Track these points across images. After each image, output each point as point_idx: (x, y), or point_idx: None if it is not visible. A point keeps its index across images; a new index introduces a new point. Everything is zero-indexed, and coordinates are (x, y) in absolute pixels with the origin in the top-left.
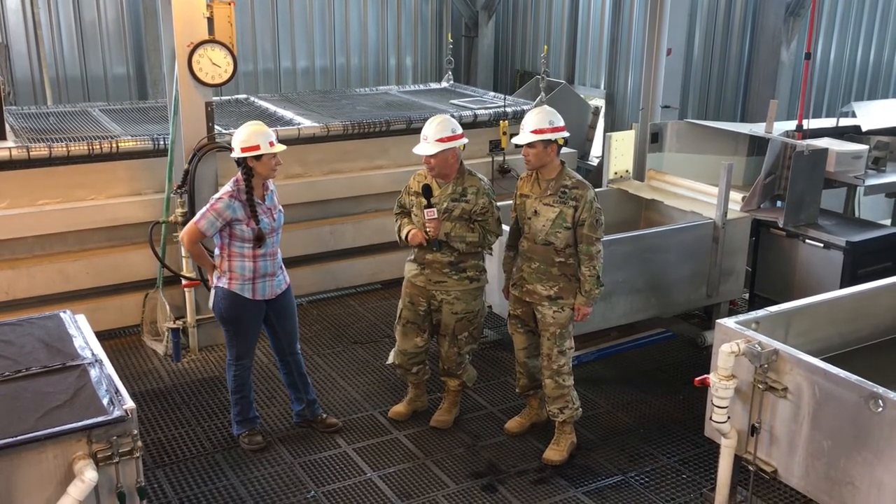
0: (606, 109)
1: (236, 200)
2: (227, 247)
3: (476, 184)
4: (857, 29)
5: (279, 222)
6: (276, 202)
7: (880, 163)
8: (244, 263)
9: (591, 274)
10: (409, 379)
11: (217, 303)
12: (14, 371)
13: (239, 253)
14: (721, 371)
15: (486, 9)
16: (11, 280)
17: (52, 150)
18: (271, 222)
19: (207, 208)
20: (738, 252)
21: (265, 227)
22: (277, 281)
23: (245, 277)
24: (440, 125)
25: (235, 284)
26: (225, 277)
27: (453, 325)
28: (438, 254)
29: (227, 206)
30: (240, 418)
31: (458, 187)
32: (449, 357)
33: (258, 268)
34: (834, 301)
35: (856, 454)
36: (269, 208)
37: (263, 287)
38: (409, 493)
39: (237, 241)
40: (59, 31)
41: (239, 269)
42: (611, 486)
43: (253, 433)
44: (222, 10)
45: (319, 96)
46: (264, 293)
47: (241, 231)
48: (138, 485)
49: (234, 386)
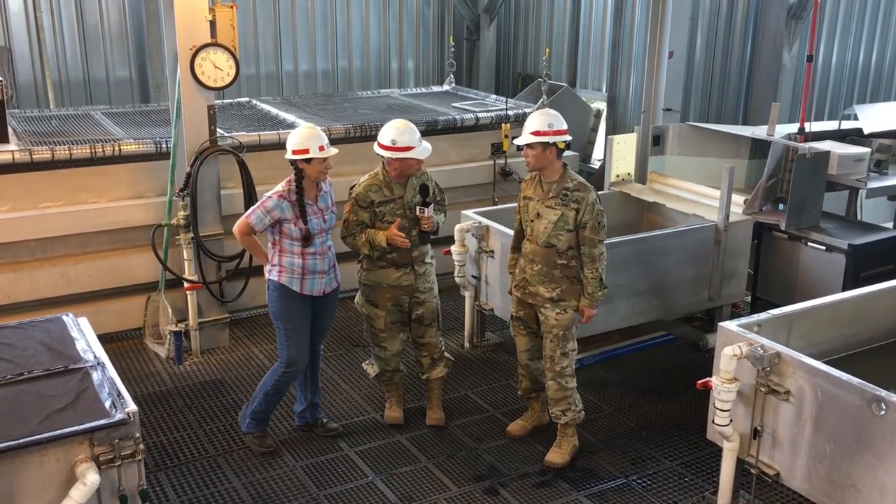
0: (608, 112)
1: (286, 200)
2: (277, 242)
3: (425, 171)
4: (859, 31)
5: (330, 223)
6: (330, 203)
7: (882, 165)
8: (293, 259)
9: (593, 276)
10: (394, 380)
11: (270, 296)
12: (16, 374)
13: (289, 249)
14: (723, 374)
15: (488, 12)
16: (13, 283)
17: (55, 154)
18: (321, 223)
19: (258, 204)
20: (740, 255)
21: (314, 228)
22: (328, 279)
23: (294, 272)
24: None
25: (284, 277)
26: (275, 270)
27: (436, 308)
28: (422, 246)
29: (276, 205)
30: (258, 417)
31: (417, 182)
32: (435, 344)
33: (307, 265)
34: (836, 304)
35: (858, 457)
36: (320, 209)
37: (312, 283)
38: (411, 496)
39: (287, 238)
40: (62, 34)
41: (288, 263)
42: (613, 489)
43: (264, 435)
44: (224, 13)
45: (321, 99)
46: (312, 289)
47: (289, 230)
48: (140, 488)
49: (272, 388)
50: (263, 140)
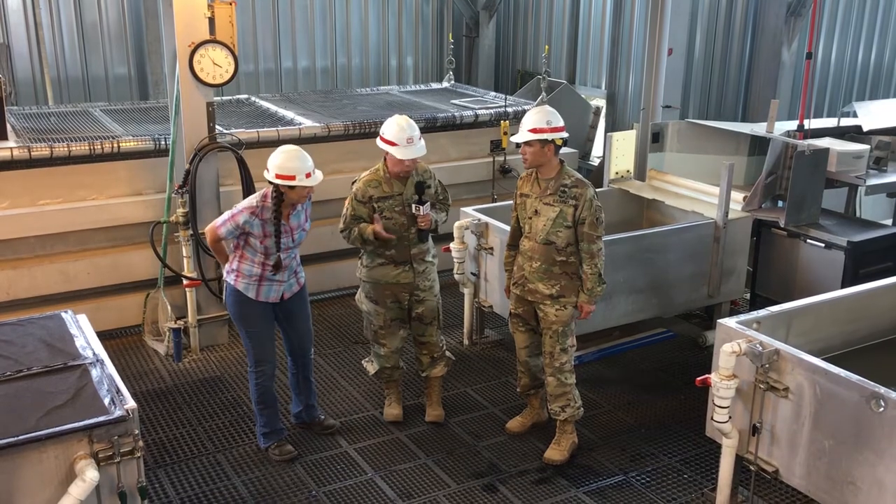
0: (607, 109)
1: (257, 218)
2: (240, 248)
3: (427, 169)
4: (859, 29)
5: (299, 240)
6: (304, 220)
7: (881, 162)
8: (252, 268)
9: (592, 272)
10: (393, 377)
11: (227, 298)
12: (15, 371)
13: (250, 257)
14: (722, 371)
15: (487, 9)
16: (13, 280)
17: (54, 151)
18: (289, 242)
19: (230, 216)
20: (739, 252)
21: (281, 245)
22: (287, 285)
23: (251, 279)
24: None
25: (241, 283)
26: (232, 274)
27: (436, 306)
28: (421, 244)
29: (247, 221)
30: (266, 430)
31: (418, 178)
32: (435, 343)
33: (265, 274)
34: (835, 301)
35: (857, 454)
36: (291, 227)
37: (268, 290)
38: (411, 493)
39: (250, 248)
40: (61, 31)
41: (247, 270)
42: (612, 485)
43: (282, 443)
44: (223, 10)
45: (321, 96)
46: (268, 296)
47: (254, 243)
48: (139, 484)
49: (257, 396)
50: (262, 137)
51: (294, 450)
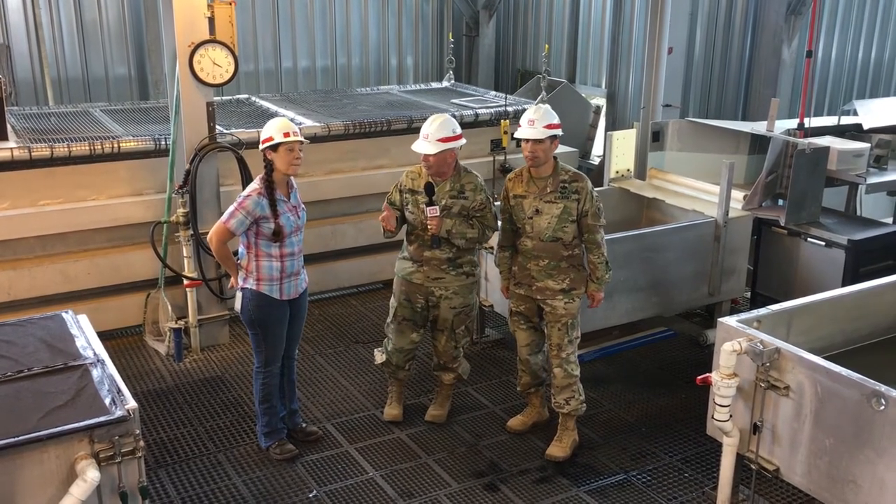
0: (608, 108)
1: (264, 197)
2: (254, 246)
3: (473, 180)
4: (859, 27)
5: (303, 220)
6: (300, 200)
7: (882, 161)
8: (272, 263)
9: (600, 261)
10: (398, 376)
11: (245, 305)
12: (16, 371)
13: (266, 253)
14: (723, 369)
15: (487, 8)
16: (13, 280)
17: (54, 151)
18: (296, 220)
19: (236, 207)
20: (739, 251)
21: (290, 226)
22: (300, 280)
23: (273, 278)
24: (442, 125)
25: (264, 286)
26: (252, 278)
27: (451, 319)
28: (437, 251)
29: (256, 203)
30: (267, 430)
31: (457, 184)
32: (446, 351)
33: (285, 267)
34: (836, 299)
35: (858, 452)
36: (293, 206)
37: (289, 286)
38: (411, 492)
39: (264, 239)
40: (61, 31)
41: (266, 269)
42: (613, 484)
43: (283, 443)
44: (223, 9)
45: (321, 96)
46: (290, 293)
47: (266, 230)
48: (140, 484)
49: (262, 395)
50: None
51: (295, 448)
